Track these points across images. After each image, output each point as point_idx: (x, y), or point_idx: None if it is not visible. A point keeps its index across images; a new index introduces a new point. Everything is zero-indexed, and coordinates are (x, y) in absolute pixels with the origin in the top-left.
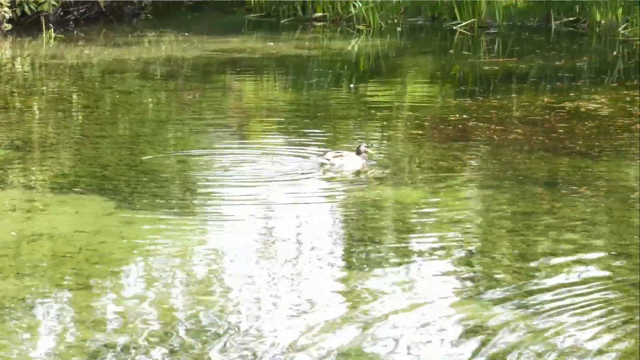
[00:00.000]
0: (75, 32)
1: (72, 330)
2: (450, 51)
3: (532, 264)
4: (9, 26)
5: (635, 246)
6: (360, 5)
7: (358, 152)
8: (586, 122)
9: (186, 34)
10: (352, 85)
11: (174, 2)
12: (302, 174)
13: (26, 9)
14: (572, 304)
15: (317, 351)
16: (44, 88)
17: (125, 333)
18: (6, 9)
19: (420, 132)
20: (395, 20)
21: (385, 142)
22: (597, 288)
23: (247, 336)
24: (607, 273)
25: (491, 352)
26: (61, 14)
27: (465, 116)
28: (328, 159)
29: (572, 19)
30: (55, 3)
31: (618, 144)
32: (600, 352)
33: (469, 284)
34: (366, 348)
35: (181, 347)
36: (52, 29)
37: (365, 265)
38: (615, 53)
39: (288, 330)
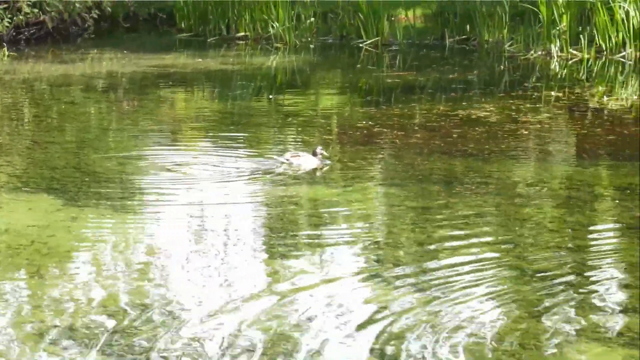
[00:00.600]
0: (26, 50)
1: (25, 313)
2: (357, 66)
3: (430, 251)
4: None
5: (519, 235)
6: (278, 25)
7: (314, 154)
8: (477, 128)
9: (124, 51)
10: (271, 96)
11: (113, 23)
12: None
13: None
14: (464, 283)
15: (239, 319)
16: None
17: (73, 315)
18: None
19: (331, 136)
20: (309, 39)
21: (300, 145)
22: (487, 269)
23: (180, 310)
24: (495, 255)
25: (391, 324)
26: (14, 34)
27: (371, 123)
28: (287, 159)
29: (464, 37)
30: (8, 25)
31: (505, 147)
32: (491, 322)
33: (374, 267)
34: (281, 318)
35: (123, 325)
36: (5, 48)
37: (284, 252)
38: (501, 67)
39: (216, 304)
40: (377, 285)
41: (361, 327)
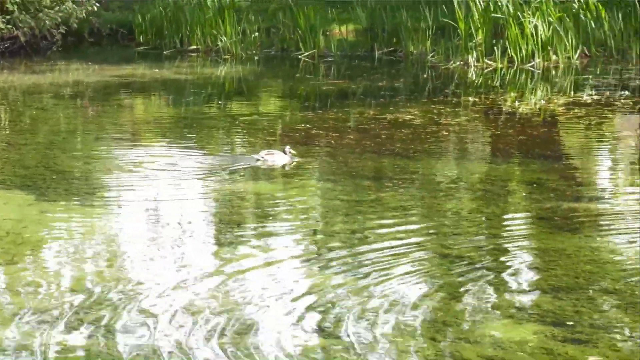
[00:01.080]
0: (0, 62)
1: (2, 296)
2: (297, 75)
3: (361, 238)
4: None
5: (441, 224)
6: (226, 39)
7: (284, 152)
8: (403, 130)
9: (89, 63)
10: (220, 102)
11: (78, 38)
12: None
13: None
14: (392, 267)
15: (191, 296)
16: None
17: (45, 296)
18: None
19: (273, 138)
20: (253, 51)
21: (246, 146)
22: (412, 255)
23: (139, 290)
24: (419, 242)
25: (325, 301)
26: None
27: (308, 125)
28: (262, 156)
29: (391, 49)
30: None
31: (428, 147)
32: (415, 301)
33: (312, 252)
34: (228, 296)
35: (89, 303)
36: None
37: (231, 240)
38: (425, 76)
39: (170, 284)
40: (314, 268)
41: (298, 302)
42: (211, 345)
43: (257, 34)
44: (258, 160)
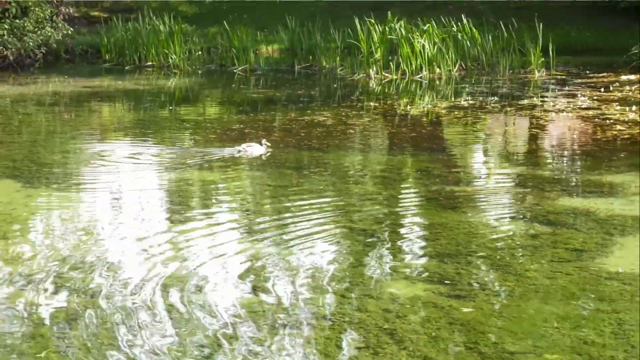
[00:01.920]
0: None
1: None
2: (232, 86)
3: (285, 216)
4: None
5: (349, 204)
6: (175, 57)
7: (260, 144)
8: (318, 128)
9: (65, 76)
10: (171, 107)
11: (56, 56)
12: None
13: None
14: (310, 238)
15: (148, 264)
16: None
17: (31, 265)
18: None
19: (214, 136)
20: (197, 67)
21: (193, 142)
22: (326, 228)
23: (107, 259)
24: (332, 218)
25: (256, 266)
26: None
27: (242, 126)
28: (243, 148)
29: (308, 64)
30: None
31: (338, 142)
32: (327, 266)
33: (245, 226)
34: (177, 262)
35: (66, 270)
36: None
37: (181, 219)
38: (335, 85)
39: (132, 253)
40: (247, 239)
41: (233, 263)
42: (162, 294)
43: (200, 52)
44: (240, 151)
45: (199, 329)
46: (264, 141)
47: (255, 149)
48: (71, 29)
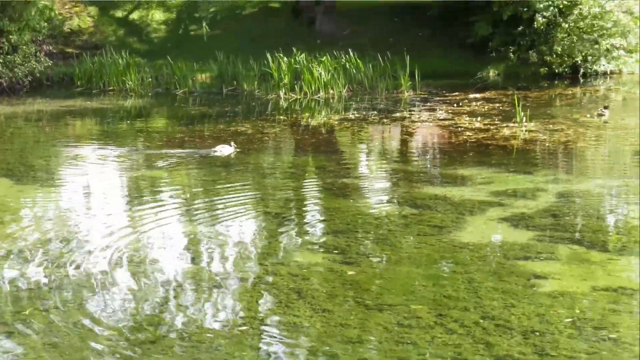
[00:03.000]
0: None
1: None
2: (175, 104)
3: (215, 202)
4: None
5: (265, 193)
6: (131, 83)
7: (230, 145)
8: (241, 136)
9: (47, 99)
10: (128, 121)
11: (39, 83)
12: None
13: None
14: (234, 220)
15: (111, 238)
16: None
17: (23, 242)
18: None
19: (160, 143)
20: (148, 90)
21: (146, 146)
22: (248, 213)
23: (80, 235)
24: (252, 205)
25: (191, 240)
26: None
27: (182, 135)
28: (218, 149)
29: (232, 87)
30: None
31: (257, 146)
32: (253, 240)
33: (183, 210)
34: (130, 239)
35: (50, 244)
36: None
37: (137, 207)
38: (253, 104)
39: (99, 230)
40: (183, 219)
41: (173, 238)
42: (119, 262)
43: (150, 79)
44: (215, 151)
45: (150, 289)
46: (232, 143)
47: (226, 150)
48: (50, 62)
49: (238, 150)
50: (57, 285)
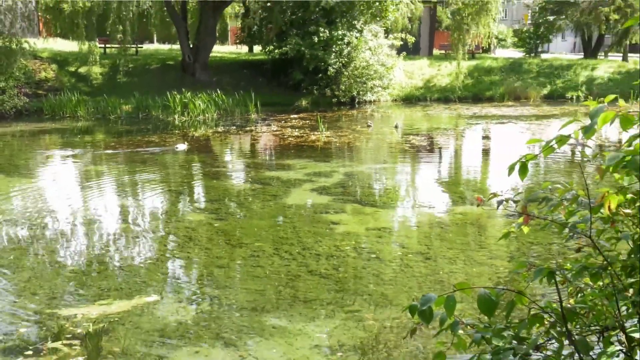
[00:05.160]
0: None
1: None
2: (109, 125)
3: (137, 186)
4: None
5: (165, 177)
6: (80, 111)
7: (184, 144)
8: (150, 143)
9: (26, 123)
10: (79, 136)
11: (20, 113)
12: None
13: None
14: (150, 193)
15: (85, 220)
16: None
17: (13, 216)
18: None
19: (103, 146)
20: (91, 116)
21: (100, 149)
22: (155, 188)
23: (55, 214)
24: (159, 183)
25: (125, 209)
26: None
27: (114, 143)
28: (178, 146)
29: (146, 113)
30: None
31: (160, 149)
32: (160, 207)
33: (113, 188)
34: (99, 222)
35: (32, 220)
36: None
37: (95, 189)
38: (159, 123)
39: (66, 209)
40: (117, 195)
41: (113, 208)
42: (80, 226)
43: (93, 109)
44: (177, 147)
45: (97, 239)
46: (185, 143)
47: (181, 147)
48: (27, 99)
49: (189, 147)
50: (35, 239)
